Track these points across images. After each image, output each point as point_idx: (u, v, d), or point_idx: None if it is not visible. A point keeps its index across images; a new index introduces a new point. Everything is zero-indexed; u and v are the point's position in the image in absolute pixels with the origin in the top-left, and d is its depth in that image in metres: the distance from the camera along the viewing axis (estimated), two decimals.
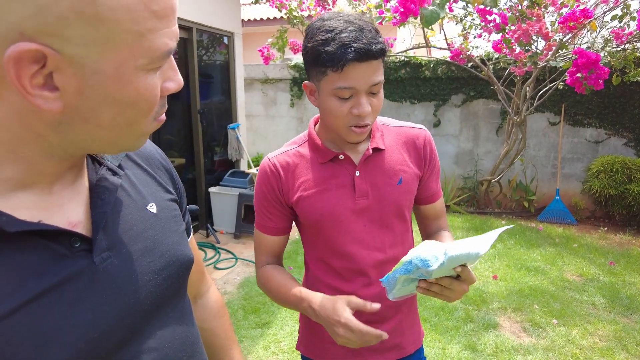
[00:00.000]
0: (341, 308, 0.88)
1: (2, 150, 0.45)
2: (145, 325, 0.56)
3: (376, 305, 0.88)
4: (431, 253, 0.78)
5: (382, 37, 0.89)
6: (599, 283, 3.45)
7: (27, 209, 0.47)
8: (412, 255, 0.81)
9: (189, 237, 0.75)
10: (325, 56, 0.85)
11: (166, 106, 0.53)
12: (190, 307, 0.69)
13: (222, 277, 3.58)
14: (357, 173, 1.02)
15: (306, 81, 0.98)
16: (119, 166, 0.60)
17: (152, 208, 0.62)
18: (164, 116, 0.54)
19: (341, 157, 1.03)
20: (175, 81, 0.51)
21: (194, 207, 3.34)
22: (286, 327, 2.80)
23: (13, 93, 0.42)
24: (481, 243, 0.80)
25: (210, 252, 4.06)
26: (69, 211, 0.52)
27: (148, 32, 0.44)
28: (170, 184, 0.69)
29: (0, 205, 0.45)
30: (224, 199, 4.50)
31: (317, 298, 0.94)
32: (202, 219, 4.60)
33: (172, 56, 0.51)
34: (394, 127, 1.10)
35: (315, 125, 1.10)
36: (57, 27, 0.39)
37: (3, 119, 0.44)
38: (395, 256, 1.05)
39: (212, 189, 4.57)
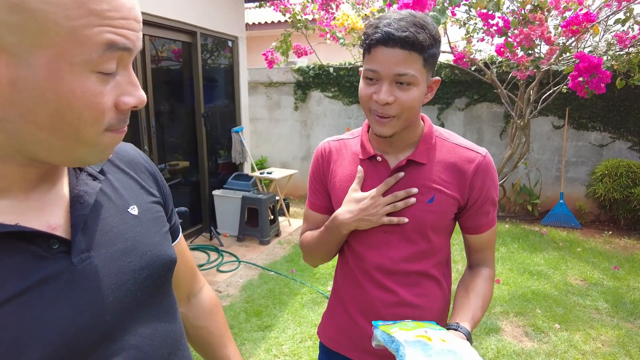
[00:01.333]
0: (356, 194, 1.01)
1: None
2: (125, 323, 0.57)
3: (400, 174, 0.99)
4: (407, 355, 0.75)
5: (429, 35, 0.87)
6: (602, 288, 3.44)
7: (4, 214, 0.49)
8: (402, 338, 0.79)
9: (177, 237, 0.78)
10: (363, 37, 0.92)
11: (127, 122, 0.52)
12: (176, 305, 0.70)
13: (225, 279, 3.60)
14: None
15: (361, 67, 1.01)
16: (101, 171, 0.62)
17: (134, 210, 0.63)
18: (124, 129, 0.53)
19: (379, 158, 1.03)
20: (135, 96, 0.50)
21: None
22: (288, 330, 2.81)
23: None
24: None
25: (213, 255, 4.08)
26: (47, 215, 0.53)
27: (84, 28, 0.43)
28: (154, 187, 0.71)
29: None
30: (227, 202, 4.53)
31: (336, 213, 1.03)
32: (206, 222, 4.63)
33: (131, 70, 0.51)
34: (451, 144, 1.03)
35: None
36: None
37: None
38: (411, 271, 1.03)
39: (215, 192, 4.60)
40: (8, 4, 0.40)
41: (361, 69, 0.98)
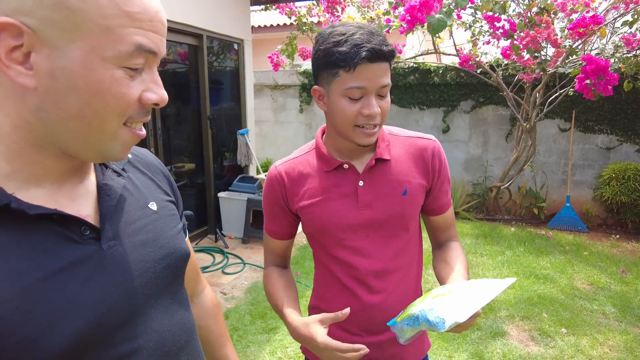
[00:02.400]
0: (316, 332, 0.90)
1: (7, 141, 0.52)
2: (146, 308, 0.61)
3: (346, 311, 0.89)
4: (439, 314, 0.77)
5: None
6: (609, 292, 3.41)
7: (41, 200, 0.53)
8: (419, 309, 0.81)
9: (185, 238, 0.80)
10: (338, 56, 0.88)
11: (148, 117, 0.57)
12: (187, 297, 0.74)
13: (230, 281, 3.60)
14: (361, 183, 1.02)
15: (315, 86, 0.99)
16: (123, 169, 0.67)
17: (153, 206, 0.68)
18: (143, 131, 0.58)
19: (345, 166, 1.03)
20: (157, 94, 0.55)
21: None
22: None
23: (4, 77, 0.48)
24: (488, 291, 0.78)
25: (218, 257, 4.09)
26: (78, 205, 0.58)
27: (117, 28, 0.49)
28: (168, 189, 0.76)
29: (20, 195, 0.51)
30: (232, 204, 4.54)
31: (294, 324, 0.96)
32: (211, 224, 4.64)
33: (156, 71, 0.56)
34: (403, 137, 1.09)
35: (322, 134, 1.10)
36: (33, 8, 0.46)
37: (2, 104, 0.50)
38: (398, 267, 1.06)
39: (221, 194, 4.61)
40: (53, 2, 0.46)
41: (317, 87, 0.97)
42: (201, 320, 0.87)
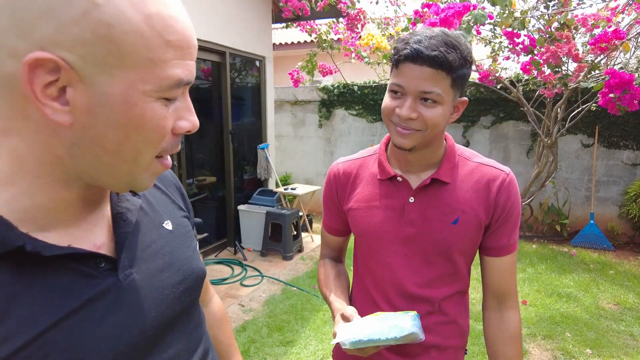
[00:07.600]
0: (337, 321, 0.95)
1: (30, 177, 0.49)
2: (165, 336, 0.60)
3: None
4: (341, 330, 0.88)
5: (459, 55, 0.86)
6: (637, 312, 3.30)
7: (57, 235, 0.51)
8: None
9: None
10: (393, 52, 0.91)
11: (178, 147, 0.55)
12: (204, 316, 0.73)
13: (248, 294, 3.63)
14: (411, 199, 0.98)
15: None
16: None
17: (168, 225, 0.66)
18: (169, 160, 0.55)
19: (399, 178, 1.00)
20: (190, 121, 0.53)
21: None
22: (310, 347, 2.81)
23: (36, 111, 0.45)
24: (394, 328, 0.85)
25: (237, 269, 4.13)
26: (93, 235, 0.55)
27: (159, 60, 0.46)
28: (181, 202, 0.74)
29: (35, 233, 0.49)
30: (252, 217, 4.60)
31: (334, 311, 1.00)
32: (231, 236, 4.70)
33: (188, 97, 0.54)
34: (474, 163, 1.01)
35: (388, 141, 1.07)
36: (74, 43, 0.42)
37: (28, 138, 0.47)
38: (431, 297, 1.00)
39: (241, 207, 4.68)
40: (95, 37, 0.42)
41: (389, 82, 0.95)
42: (209, 330, 0.84)
